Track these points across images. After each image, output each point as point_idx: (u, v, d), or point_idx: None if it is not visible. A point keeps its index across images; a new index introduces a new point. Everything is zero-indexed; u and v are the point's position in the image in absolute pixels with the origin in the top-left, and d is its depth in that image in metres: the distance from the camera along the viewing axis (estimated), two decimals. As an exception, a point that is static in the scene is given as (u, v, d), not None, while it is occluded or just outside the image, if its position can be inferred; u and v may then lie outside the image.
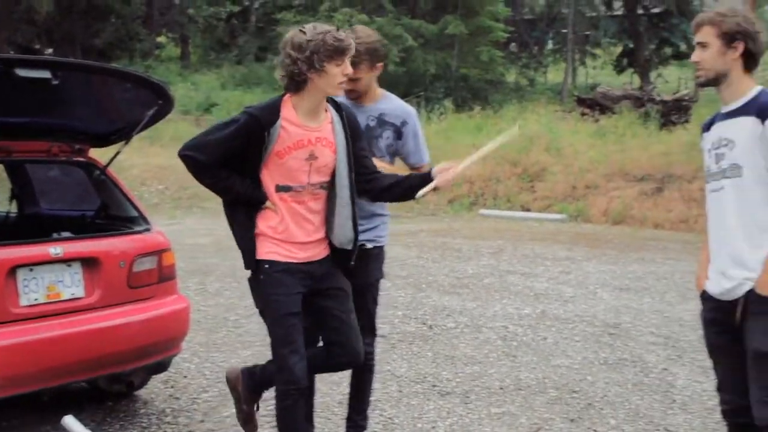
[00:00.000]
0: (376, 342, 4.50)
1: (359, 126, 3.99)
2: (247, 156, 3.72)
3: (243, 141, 3.69)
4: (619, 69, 46.50)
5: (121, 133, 5.09)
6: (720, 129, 3.56)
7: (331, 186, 3.86)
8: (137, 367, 4.79)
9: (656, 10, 45.43)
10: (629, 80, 41.22)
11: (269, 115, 3.71)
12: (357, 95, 4.26)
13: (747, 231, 3.45)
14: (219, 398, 5.34)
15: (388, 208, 4.50)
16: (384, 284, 8.87)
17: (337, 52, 3.66)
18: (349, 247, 3.93)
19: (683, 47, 45.96)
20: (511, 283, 9.38)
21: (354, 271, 4.06)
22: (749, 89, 3.52)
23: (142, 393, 5.35)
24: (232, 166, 3.73)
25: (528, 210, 16.42)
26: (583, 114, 24.17)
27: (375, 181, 3.93)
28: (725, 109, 3.57)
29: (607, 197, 16.14)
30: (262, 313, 3.87)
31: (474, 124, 22.74)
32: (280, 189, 3.77)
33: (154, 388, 5.30)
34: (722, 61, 3.50)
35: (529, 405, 5.41)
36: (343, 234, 3.90)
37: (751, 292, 3.42)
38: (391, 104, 4.37)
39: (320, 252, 3.89)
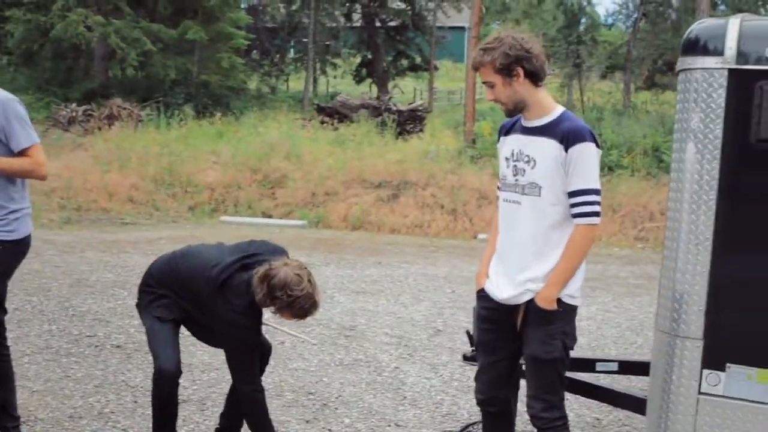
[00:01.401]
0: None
1: None
2: None
3: None
4: (359, 79, 47.86)
5: None
6: (521, 142, 3.69)
7: None
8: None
9: (393, 24, 47.19)
10: (368, 90, 42.52)
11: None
12: None
13: (537, 246, 3.65)
14: None
15: (24, 201, 4.49)
16: (119, 293, 8.68)
17: (295, 316, 4.20)
18: None
19: (418, 60, 48.05)
20: (251, 289, 9.40)
21: None
22: (551, 109, 3.67)
23: None
24: None
25: (269, 216, 16.51)
26: (322, 122, 24.67)
27: None
28: (528, 124, 3.69)
29: (346, 203, 16.53)
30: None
31: (215, 131, 22.61)
32: None
33: None
34: (512, 90, 3.62)
35: (266, 408, 5.46)
36: None
37: (531, 302, 3.66)
38: None
39: None
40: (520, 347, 3.84)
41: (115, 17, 30.93)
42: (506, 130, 3.84)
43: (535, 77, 3.64)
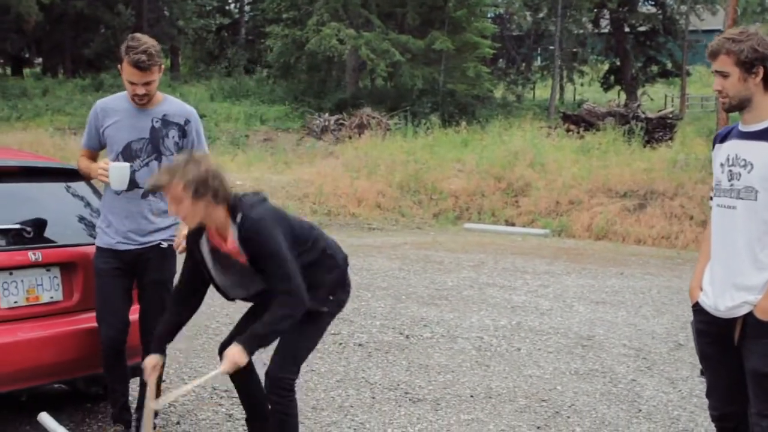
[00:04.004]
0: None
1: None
2: None
3: None
4: (606, 86, 46.89)
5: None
6: (738, 147, 3.59)
7: None
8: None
9: (643, 29, 45.89)
10: (616, 97, 41.55)
11: None
12: (149, 99, 4.51)
13: (753, 253, 3.52)
14: (195, 402, 5.45)
15: None
16: (363, 294, 9.05)
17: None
18: None
19: (669, 65, 46.42)
20: (490, 295, 9.51)
21: (150, 267, 4.53)
22: None
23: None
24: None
25: (512, 224, 16.56)
26: (568, 130, 24.37)
27: None
28: (746, 129, 3.59)
29: (590, 213, 16.28)
30: None
31: (460, 140, 22.92)
32: None
33: (132, 392, 5.37)
34: (744, 87, 3.51)
35: (498, 413, 5.54)
36: None
37: (749, 315, 3.52)
38: (172, 106, 4.64)
39: None
40: None
41: (365, 30, 32.08)
42: (721, 138, 3.73)
43: None
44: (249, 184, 16.87)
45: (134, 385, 4.88)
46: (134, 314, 4.65)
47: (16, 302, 4.43)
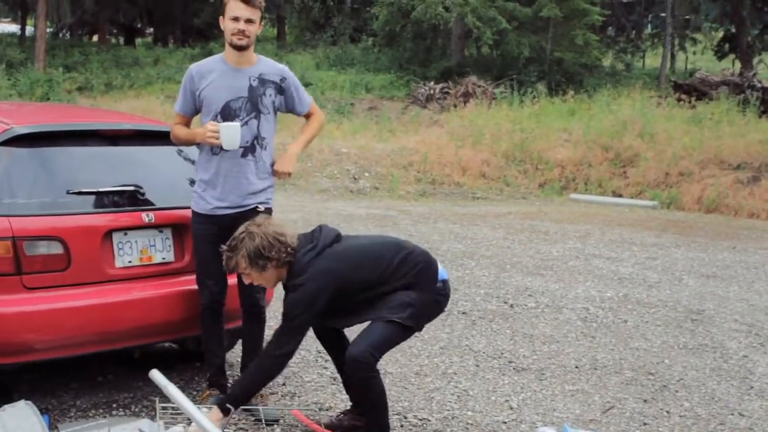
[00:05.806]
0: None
1: None
2: None
3: None
4: (720, 55, 45.34)
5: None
6: None
7: None
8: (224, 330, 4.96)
9: (761, -6, 44.10)
10: (730, 66, 40.17)
11: None
12: (248, 44, 4.49)
13: None
14: (301, 364, 5.52)
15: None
16: (467, 263, 9.02)
17: None
18: None
19: (788, 33, 44.56)
20: (596, 266, 9.37)
21: None
22: None
23: (228, 355, 5.52)
24: None
25: (619, 195, 16.26)
26: (679, 100, 23.68)
27: None
28: None
29: (701, 185, 15.87)
30: None
31: (567, 109, 22.53)
32: None
33: (240, 352, 5.49)
34: None
35: (604, 384, 5.47)
36: None
37: None
38: (267, 65, 4.64)
39: None
40: None
41: (472, -3, 31.67)
42: None
43: None
44: (354, 152, 16.97)
45: (237, 349, 4.96)
46: (233, 278, 4.70)
47: (130, 262, 4.55)
